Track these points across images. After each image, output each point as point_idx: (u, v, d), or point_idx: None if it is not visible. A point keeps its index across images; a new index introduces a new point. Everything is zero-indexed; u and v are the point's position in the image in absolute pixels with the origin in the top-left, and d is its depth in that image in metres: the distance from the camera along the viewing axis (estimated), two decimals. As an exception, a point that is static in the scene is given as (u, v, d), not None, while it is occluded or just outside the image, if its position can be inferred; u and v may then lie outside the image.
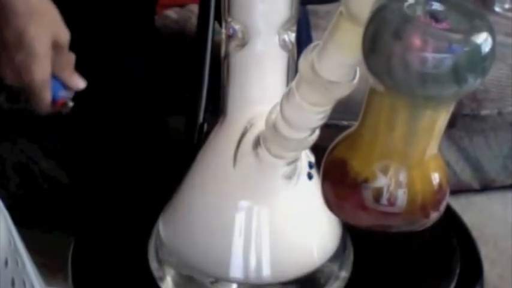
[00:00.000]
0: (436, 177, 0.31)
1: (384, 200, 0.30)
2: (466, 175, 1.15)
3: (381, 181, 0.30)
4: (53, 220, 1.08)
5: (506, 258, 1.06)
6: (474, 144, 1.12)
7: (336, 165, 0.32)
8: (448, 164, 1.11)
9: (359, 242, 0.69)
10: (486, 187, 1.17)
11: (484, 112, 1.07)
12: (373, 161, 0.30)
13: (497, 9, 1.17)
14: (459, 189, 1.14)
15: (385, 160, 0.30)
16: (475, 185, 1.17)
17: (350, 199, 0.31)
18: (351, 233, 0.68)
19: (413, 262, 0.70)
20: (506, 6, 1.17)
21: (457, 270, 0.69)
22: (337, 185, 0.32)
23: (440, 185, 0.31)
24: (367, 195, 0.30)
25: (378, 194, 0.30)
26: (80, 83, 0.72)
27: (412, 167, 0.30)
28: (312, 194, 0.61)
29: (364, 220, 0.32)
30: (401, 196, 0.30)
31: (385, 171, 0.30)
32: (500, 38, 1.08)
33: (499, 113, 1.08)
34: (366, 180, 0.30)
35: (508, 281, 1.02)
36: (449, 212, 0.76)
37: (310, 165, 0.60)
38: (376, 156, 0.30)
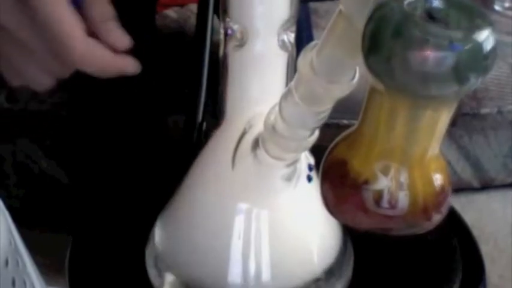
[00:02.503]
0: (437, 179, 0.31)
1: (385, 202, 0.30)
2: (466, 174, 1.15)
3: (382, 182, 0.30)
4: (53, 220, 1.08)
5: (507, 257, 1.06)
6: (474, 143, 1.12)
7: (336, 166, 0.31)
8: (448, 162, 1.10)
9: (359, 243, 0.68)
10: (486, 186, 1.17)
11: (484, 111, 1.07)
12: (373, 161, 0.30)
13: (497, 8, 1.17)
14: (459, 188, 1.14)
15: (385, 160, 0.30)
16: (475, 183, 1.17)
17: (350, 201, 0.31)
18: (351, 234, 0.68)
19: (414, 262, 0.70)
20: (506, 5, 1.17)
21: (459, 270, 0.69)
22: (336, 186, 0.32)
23: (442, 186, 0.31)
24: (368, 196, 0.30)
25: (378, 196, 0.30)
26: (125, 40, 0.51)
27: (413, 168, 0.30)
28: (311, 197, 0.60)
29: (364, 222, 0.31)
30: (403, 198, 0.30)
31: (385, 172, 0.30)
32: (500, 36, 1.08)
33: (499, 112, 1.07)
34: (366, 181, 0.30)
35: (508, 280, 1.02)
36: (450, 211, 0.76)
37: (310, 168, 0.60)
38: (377, 156, 0.30)
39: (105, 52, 0.47)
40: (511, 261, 1.05)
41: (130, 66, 0.51)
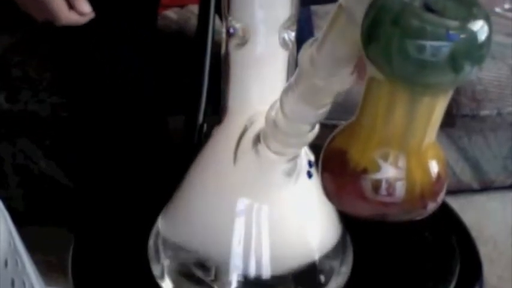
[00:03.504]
0: (434, 167, 0.31)
1: (383, 190, 0.30)
2: (466, 175, 1.16)
3: (380, 171, 0.30)
4: (53, 219, 1.09)
5: (506, 259, 1.06)
6: (473, 145, 1.12)
7: (335, 155, 0.32)
8: (447, 163, 1.11)
9: (359, 241, 0.69)
10: (486, 187, 1.18)
11: (483, 112, 1.07)
12: (372, 150, 0.30)
13: (496, 9, 1.17)
14: (459, 189, 1.14)
15: (384, 149, 0.30)
16: (475, 185, 1.17)
17: (349, 189, 0.31)
18: (350, 232, 0.68)
19: (413, 262, 0.70)
20: (506, 6, 1.17)
21: (457, 270, 0.69)
22: (336, 174, 0.32)
23: (438, 175, 0.31)
24: (366, 184, 0.30)
25: (377, 184, 0.30)
26: (85, 7, 0.74)
27: (410, 156, 0.30)
28: (311, 193, 0.61)
29: (363, 210, 0.32)
30: (400, 186, 0.30)
31: (384, 161, 0.30)
32: (500, 38, 1.08)
33: (499, 113, 1.08)
34: (365, 170, 0.30)
35: (508, 281, 1.02)
36: (449, 212, 0.76)
37: (310, 164, 0.60)
38: (375, 145, 0.30)
39: (77, 17, 0.74)
40: (510, 262, 1.05)
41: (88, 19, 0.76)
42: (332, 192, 0.33)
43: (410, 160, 0.30)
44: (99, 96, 0.93)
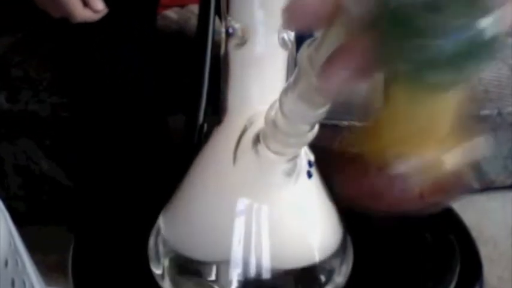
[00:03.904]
0: (449, 163, 0.31)
1: (399, 186, 0.30)
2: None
3: (395, 168, 0.30)
4: (53, 220, 1.09)
5: (506, 259, 1.06)
6: (473, 145, 1.12)
7: (351, 154, 0.32)
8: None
9: (359, 241, 0.69)
10: (486, 187, 1.17)
11: (483, 112, 1.07)
12: (386, 149, 0.31)
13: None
14: (459, 189, 1.14)
15: (397, 147, 0.30)
16: (475, 185, 1.17)
17: (364, 186, 0.31)
18: (350, 232, 0.68)
19: (413, 262, 0.70)
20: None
21: (457, 270, 0.69)
22: (352, 173, 0.32)
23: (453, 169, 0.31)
24: (383, 182, 0.31)
25: (393, 181, 0.30)
26: (99, 4, 0.78)
27: (424, 152, 0.30)
28: (311, 193, 0.61)
29: (379, 206, 0.32)
30: (415, 182, 0.30)
31: (398, 158, 0.30)
32: (499, 37, 1.08)
33: (499, 113, 1.07)
34: (379, 168, 0.31)
35: (508, 281, 1.02)
36: (449, 212, 0.76)
37: (310, 164, 0.60)
38: (389, 144, 0.30)
39: (90, 13, 0.77)
40: (510, 262, 1.05)
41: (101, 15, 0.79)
42: (347, 190, 0.33)
43: (423, 157, 0.30)
44: (99, 96, 0.93)
